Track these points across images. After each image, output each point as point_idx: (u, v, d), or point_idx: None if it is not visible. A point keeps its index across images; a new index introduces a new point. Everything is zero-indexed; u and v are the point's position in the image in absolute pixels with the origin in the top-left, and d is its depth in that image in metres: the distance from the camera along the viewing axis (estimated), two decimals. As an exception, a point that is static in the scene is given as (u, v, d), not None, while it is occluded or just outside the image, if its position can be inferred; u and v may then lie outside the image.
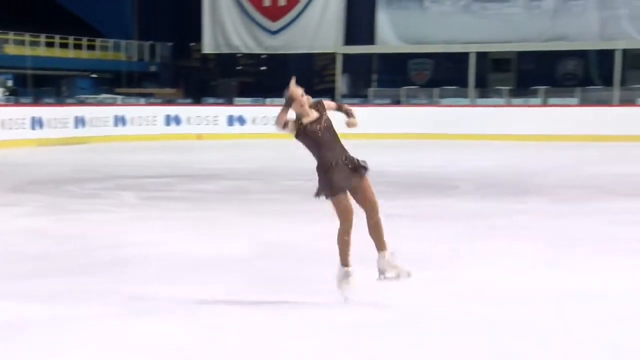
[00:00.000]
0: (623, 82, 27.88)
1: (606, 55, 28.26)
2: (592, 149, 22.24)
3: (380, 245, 6.18)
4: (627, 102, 26.66)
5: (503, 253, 7.98)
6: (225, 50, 32.47)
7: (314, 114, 6.16)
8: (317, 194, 6.12)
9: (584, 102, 26.82)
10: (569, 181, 14.37)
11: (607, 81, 27.96)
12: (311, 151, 6.17)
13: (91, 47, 34.64)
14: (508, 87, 28.53)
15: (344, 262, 6.10)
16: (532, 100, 27.30)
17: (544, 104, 27.03)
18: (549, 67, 30.04)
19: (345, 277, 6.06)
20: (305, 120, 6.12)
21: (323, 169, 6.05)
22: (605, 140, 24.00)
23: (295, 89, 6.10)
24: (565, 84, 29.00)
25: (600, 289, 6.50)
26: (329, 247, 8.27)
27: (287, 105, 6.09)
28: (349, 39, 30.63)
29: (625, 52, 28.03)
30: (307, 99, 6.18)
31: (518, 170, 16.57)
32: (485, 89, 29.18)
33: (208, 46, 32.48)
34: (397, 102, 28.63)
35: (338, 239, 6.08)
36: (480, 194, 12.84)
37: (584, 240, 8.64)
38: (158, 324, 5.51)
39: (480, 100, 28.15)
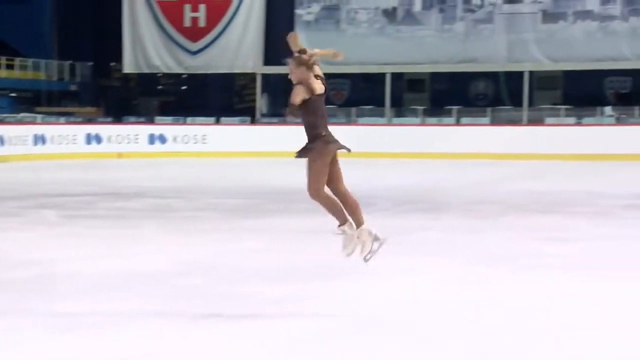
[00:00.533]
0: (531, 103, 28.52)
1: (515, 77, 28.87)
2: (503, 166, 22.66)
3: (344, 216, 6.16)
4: (535, 121, 27.26)
5: (421, 268, 8.04)
6: (145, 70, 32.18)
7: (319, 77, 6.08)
8: (301, 155, 6.12)
9: (495, 122, 27.34)
10: (483, 197, 14.59)
11: (516, 101, 28.57)
12: (310, 118, 6.13)
13: (10, 67, 33.96)
14: (423, 107, 28.93)
15: (341, 220, 6.15)
16: (446, 120, 27.72)
17: (457, 123, 27.46)
18: (462, 88, 30.56)
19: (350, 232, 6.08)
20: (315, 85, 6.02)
21: (319, 134, 6.12)
22: (516, 159, 24.50)
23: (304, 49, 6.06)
24: (477, 104, 29.53)
25: (519, 301, 6.59)
26: (252, 264, 8.24)
27: (309, 69, 5.97)
28: (269, 60, 30.66)
29: (532, 73, 28.68)
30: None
31: (433, 188, 16.76)
32: (400, 109, 29.53)
33: (128, 66, 32.15)
34: (316, 122, 28.75)
35: (322, 202, 6.10)
36: (397, 210, 12.94)
37: (499, 255, 8.75)
38: (80, 341, 5.39)
39: (396, 120, 28.46)
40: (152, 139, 27.40)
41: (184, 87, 35.37)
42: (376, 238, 6.30)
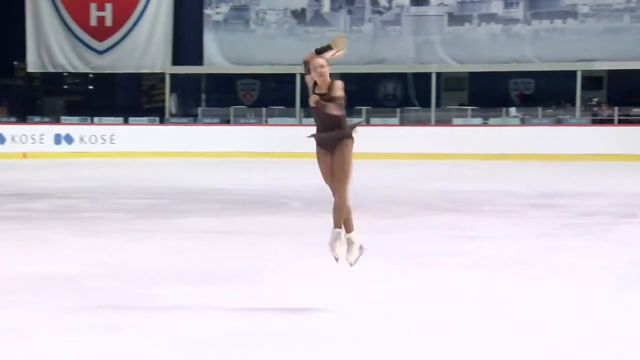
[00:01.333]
0: (438, 103, 28.93)
1: (422, 78, 29.25)
2: (413, 166, 22.94)
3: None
4: (443, 122, 27.68)
5: (333, 268, 8.07)
6: (50, 69, 31.53)
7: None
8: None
9: (404, 122, 27.66)
10: (394, 197, 14.74)
11: (424, 102, 28.95)
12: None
13: None
14: (332, 108, 29.09)
15: (338, 225, 6.35)
16: (355, 120, 27.87)
17: (367, 124, 27.68)
18: (371, 89, 30.81)
19: (337, 238, 6.28)
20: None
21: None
22: (425, 159, 24.83)
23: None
24: (386, 105, 29.82)
25: (431, 301, 6.67)
26: (162, 265, 8.15)
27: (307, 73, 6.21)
28: (177, 60, 30.38)
29: (439, 75, 29.10)
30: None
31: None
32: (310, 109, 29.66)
33: (32, 65, 31.43)
34: (226, 122, 28.61)
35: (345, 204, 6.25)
36: (309, 210, 12.98)
37: (410, 254, 8.85)
38: (-12, 347, 5.24)
39: (306, 120, 28.51)
40: (58, 139, 26.87)
41: (90, 87, 34.76)
42: (361, 247, 6.47)
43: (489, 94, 28.58)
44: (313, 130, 6.69)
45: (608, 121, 26.23)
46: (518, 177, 19.61)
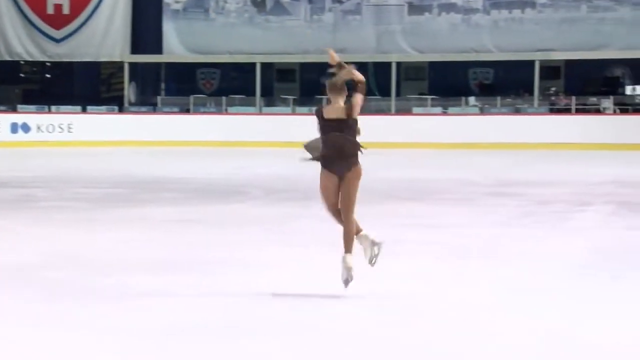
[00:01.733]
0: (399, 93, 29.02)
1: (383, 68, 29.31)
2: (372, 155, 22.96)
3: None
4: (403, 111, 27.78)
5: (294, 258, 8.10)
6: (6, 57, 31.11)
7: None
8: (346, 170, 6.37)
9: (364, 112, 27.71)
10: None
11: (385, 91, 29.02)
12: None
13: None
14: (293, 97, 29.03)
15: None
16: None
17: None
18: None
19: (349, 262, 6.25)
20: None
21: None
22: (385, 147, 24.88)
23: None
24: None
25: (393, 290, 6.72)
26: (121, 255, 8.12)
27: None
28: (136, 48, 30.12)
29: (399, 64, 29.18)
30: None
31: (305, 176, 16.86)
32: (271, 98, 29.55)
33: (-12, 53, 30.99)
34: (186, 111, 28.46)
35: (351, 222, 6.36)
36: (269, 199, 12.99)
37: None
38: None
39: (266, 109, 28.48)
40: (14, 127, 26.56)
41: (48, 75, 34.35)
42: (374, 242, 6.45)
43: (448, 84, 28.73)
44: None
45: (565, 110, 26.51)
46: (477, 165, 19.76)
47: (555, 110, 26.78)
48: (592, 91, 26.91)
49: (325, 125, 6.42)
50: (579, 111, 26.33)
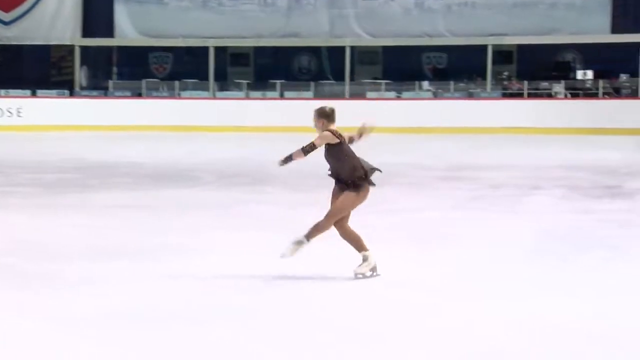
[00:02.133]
0: (353, 77, 28.99)
1: (337, 52, 29.24)
2: (325, 140, 22.91)
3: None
4: (357, 95, 27.76)
5: (244, 243, 8.04)
6: (-47, 40, 30.51)
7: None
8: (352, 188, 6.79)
9: (318, 96, 27.64)
10: (306, 171, 14.69)
11: (339, 76, 28.97)
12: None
13: None
14: (247, 81, 28.86)
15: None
16: (270, 94, 27.78)
17: (281, 97, 27.61)
18: (285, 62, 30.69)
19: (300, 243, 6.55)
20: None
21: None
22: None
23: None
24: (300, 78, 29.75)
25: (341, 274, 6.68)
26: (71, 241, 7.99)
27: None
28: (88, 31, 29.70)
29: (353, 49, 29.14)
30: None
31: (257, 161, 16.78)
32: (225, 82, 29.35)
33: (-64, 36, 30.37)
34: (138, 95, 28.17)
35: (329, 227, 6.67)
36: (221, 184, 12.90)
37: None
38: None
39: (220, 94, 28.28)
40: (-38, 112, 26.09)
41: (-4, 59, 33.77)
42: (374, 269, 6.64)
43: (402, 68, 28.75)
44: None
45: (518, 95, 26.68)
46: (430, 150, 19.82)
47: (508, 95, 26.94)
48: (543, 76, 27.12)
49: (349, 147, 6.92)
50: (531, 96, 26.53)
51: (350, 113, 27.92)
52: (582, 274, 6.76)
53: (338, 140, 6.77)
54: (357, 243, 6.69)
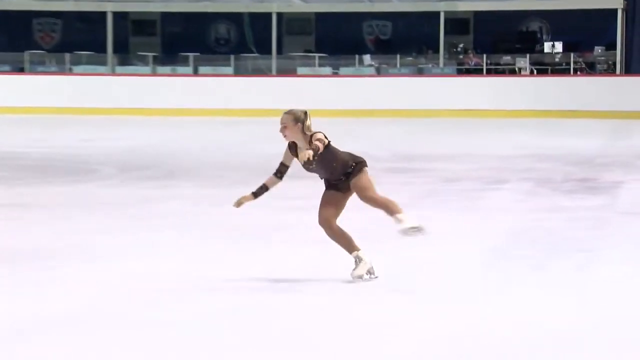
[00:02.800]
0: (280, 50, 29.00)
1: (261, 20, 29.21)
2: (251, 124, 22.93)
3: None
4: (286, 71, 27.74)
5: (156, 245, 8.01)
6: None
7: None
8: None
9: (240, 72, 27.60)
10: (227, 162, 14.70)
11: (264, 48, 28.94)
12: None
13: None
14: (153, 54, 28.66)
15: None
16: (181, 69, 27.63)
17: (195, 73, 27.47)
18: (199, 32, 30.55)
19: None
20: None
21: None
22: (265, 115, 24.80)
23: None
24: (217, 51, 29.65)
25: (265, 281, 6.71)
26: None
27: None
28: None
29: (280, 16, 29.13)
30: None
31: (167, 151, 16.70)
32: (126, 55, 29.09)
33: None
34: (20, 70, 27.80)
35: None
36: (125, 178, 12.83)
37: (243, 228, 8.84)
38: None
39: (120, 69, 28.03)
40: None
41: None
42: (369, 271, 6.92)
43: (339, 39, 28.81)
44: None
45: (476, 71, 26.99)
46: (373, 136, 19.94)
47: (464, 71, 27.22)
48: (505, 48, 27.42)
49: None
50: (490, 72, 26.81)
51: (277, 92, 28.14)
52: (554, 283, 6.88)
53: (328, 140, 7.06)
54: (348, 243, 6.95)
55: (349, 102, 25.81)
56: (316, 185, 11.86)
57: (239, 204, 7.03)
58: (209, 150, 16.69)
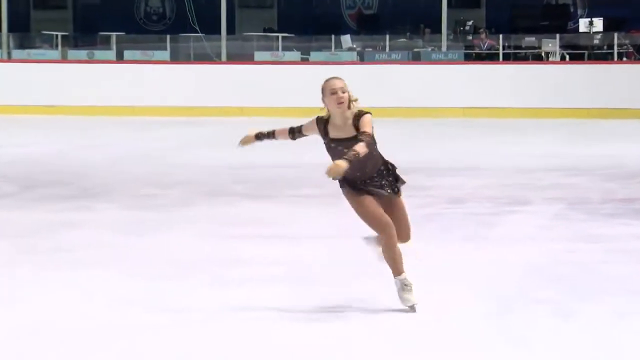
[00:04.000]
0: (232, 29, 29.05)
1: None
2: (191, 127, 22.95)
3: None
4: (239, 57, 27.74)
5: (65, 284, 8.05)
6: None
7: None
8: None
9: (178, 58, 27.60)
10: (157, 176, 14.69)
11: (211, 27, 29.01)
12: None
13: None
14: (62, 33, 28.66)
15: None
16: (101, 53, 27.61)
17: (119, 60, 27.46)
18: (124, 5, 30.59)
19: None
20: None
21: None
22: (210, 114, 24.82)
23: None
24: (149, 30, 29.68)
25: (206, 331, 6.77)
26: None
27: None
28: None
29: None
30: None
31: (81, 161, 16.68)
32: (27, 35, 29.12)
33: None
34: None
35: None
36: (27, 198, 12.85)
37: (180, 263, 8.90)
38: None
39: (19, 53, 28.08)
40: None
41: None
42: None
43: (309, 15, 28.94)
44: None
45: (489, 56, 26.98)
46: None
47: (474, 57, 27.18)
48: (528, 27, 27.47)
49: None
50: (508, 58, 26.81)
51: (228, 83, 28.17)
52: (585, 334, 6.94)
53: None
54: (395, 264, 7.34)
55: (319, 98, 25.78)
56: (277, 208, 11.92)
57: (244, 142, 7.45)
58: (135, 160, 16.64)
